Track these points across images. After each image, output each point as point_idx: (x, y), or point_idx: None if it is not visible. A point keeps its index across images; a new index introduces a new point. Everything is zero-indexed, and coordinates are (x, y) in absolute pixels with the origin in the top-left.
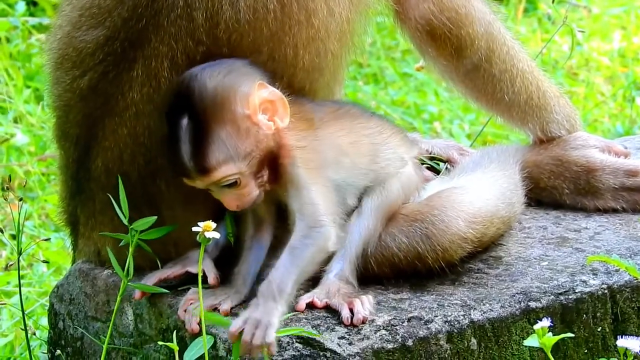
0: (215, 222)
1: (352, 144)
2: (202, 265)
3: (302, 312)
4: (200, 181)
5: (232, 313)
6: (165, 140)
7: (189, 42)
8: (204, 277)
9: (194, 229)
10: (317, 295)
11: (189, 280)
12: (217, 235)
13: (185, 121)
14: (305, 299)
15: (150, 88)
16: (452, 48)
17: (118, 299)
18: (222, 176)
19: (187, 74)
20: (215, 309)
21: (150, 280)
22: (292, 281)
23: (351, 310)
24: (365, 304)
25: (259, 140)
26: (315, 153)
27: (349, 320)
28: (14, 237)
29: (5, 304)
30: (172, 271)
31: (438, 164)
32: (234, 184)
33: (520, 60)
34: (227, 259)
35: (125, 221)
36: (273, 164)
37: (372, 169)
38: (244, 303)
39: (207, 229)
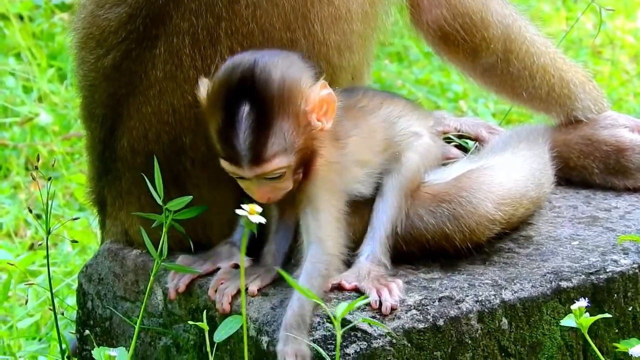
0: (244, 204)
1: (370, 149)
2: (233, 259)
3: (332, 291)
4: (249, 170)
5: (263, 293)
6: (213, 123)
7: (209, 18)
8: (238, 267)
9: (238, 211)
10: (345, 278)
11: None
12: (262, 220)
13: (246, 108)
14: (333, 281)
15: (173, 65)
16: (466, 52)
17: (151, 279)
18: (275, 168)
19: (245, 59)
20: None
21: (183, 280)
22: (311, 311)
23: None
24: (394, 291)
25: (309, 138)
26: (341, 173)
27: (377, 304)
28: (37, 216)
29: (32, 283)
30: (203, 269)
31: (467, 142)
32: (277, 177)
33: (542, 55)
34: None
35: (159, 201)
36: (307, 164)
37: (386, 158)
38: (274, 282)
39: (252, 213)
